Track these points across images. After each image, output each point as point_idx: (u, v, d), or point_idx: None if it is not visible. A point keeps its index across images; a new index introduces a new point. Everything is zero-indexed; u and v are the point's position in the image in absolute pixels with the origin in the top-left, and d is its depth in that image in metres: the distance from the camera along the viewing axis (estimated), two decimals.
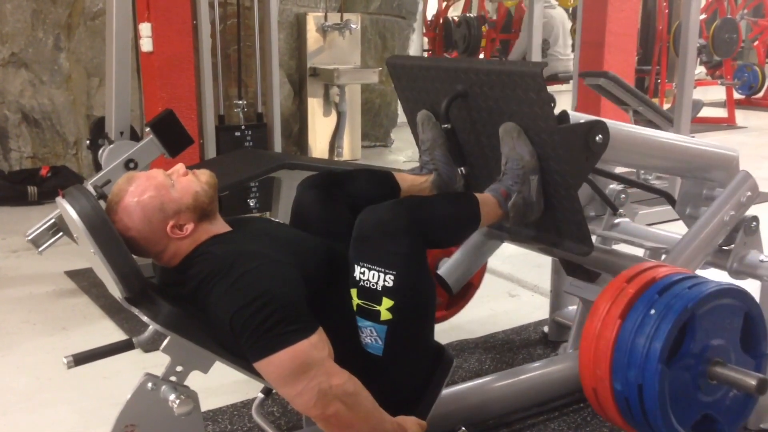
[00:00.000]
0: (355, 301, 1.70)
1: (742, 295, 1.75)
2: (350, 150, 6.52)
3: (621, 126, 2.11)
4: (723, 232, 2.13)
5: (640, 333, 1.65)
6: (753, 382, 1.63)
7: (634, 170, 4.65)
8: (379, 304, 1.67)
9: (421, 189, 2.09)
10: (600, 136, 1.91)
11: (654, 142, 2.21)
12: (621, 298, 1.72)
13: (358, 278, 1.69)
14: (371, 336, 1.69)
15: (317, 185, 1.97)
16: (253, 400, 2.11)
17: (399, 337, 1.69)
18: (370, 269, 1.68)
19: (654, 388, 1.61)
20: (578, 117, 2.12)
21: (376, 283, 1.67)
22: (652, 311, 1.66)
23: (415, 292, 1.71)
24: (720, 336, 1.71)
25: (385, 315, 1.67)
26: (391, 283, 1.66)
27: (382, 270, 1.67)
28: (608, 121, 1.98)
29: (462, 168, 2.16)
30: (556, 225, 2.03)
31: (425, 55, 9.36)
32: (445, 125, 2.08)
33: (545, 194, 1.97)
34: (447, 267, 2.37)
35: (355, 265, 1.70)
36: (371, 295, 1.68)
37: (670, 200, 2.39)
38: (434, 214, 1.80)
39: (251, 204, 4.28)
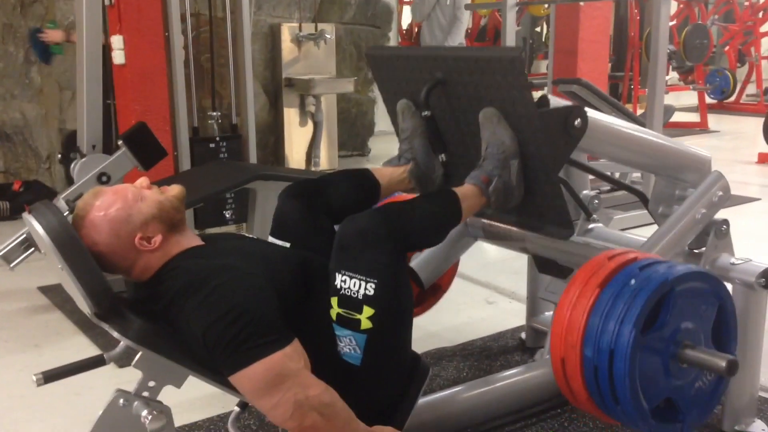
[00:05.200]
0: (335, 310, 1.68)
1: (719, 285, 1.76)
2: (327, 160, 6.51)
3: (600, 116, 2.11)
4: (694, 229, 2.14)
5: (618, 301, 1.65)
6: (722, 363, 1.64)
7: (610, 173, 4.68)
8: (360, 312, 1.65)
9: (399, 180, 2.10)
10: (579, 120, 1.92)
11: (631, 136, 2.21)
12: (602, 271, 1.72)
13: (339, 287, 1.68)
14: (350, 345, 1.68)
15: (297, 195, 1.96)
16: (229, 413, 2.08)
17: (378, 347, 1.68)
18: (351, 277, 1.66)
19: (626, 353, 1.60)
20: (557, 102, 2.13)
21: (357, 291, 1.66)
22: (633, 281, 1.66)
23: (396, 301, 1.70)
24: (693, 321, 1.70)
25: (366, 324, 1.66)
26: (372, 292, 1.65)
27: (364, 278, 1.65)
28: (588, 110, 1.99)
29: (443, 155, 2.15)
30: (538, 210, 2.04)
31: None
32: (425, 113, 2.08)
33: (526, 179, 1.99)
34: (419, 261, 2.36)
35: (336, 274, 1.68)
36: (352, 303, 1.66)
37: (643, 199, 2.40)
38: (414, 219, 1.80)
39: (227, 216, 4.26)
